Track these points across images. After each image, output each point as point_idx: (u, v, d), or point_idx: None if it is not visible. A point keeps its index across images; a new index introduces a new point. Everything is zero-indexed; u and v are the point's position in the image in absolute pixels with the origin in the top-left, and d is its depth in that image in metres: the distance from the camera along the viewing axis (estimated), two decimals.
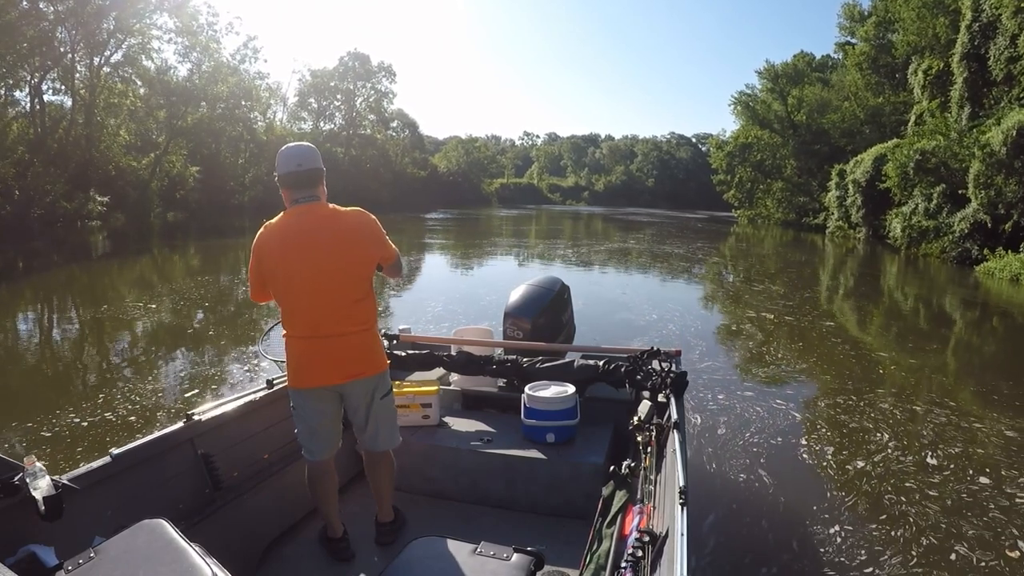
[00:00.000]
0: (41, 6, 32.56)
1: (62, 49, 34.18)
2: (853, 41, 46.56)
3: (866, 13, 43.88)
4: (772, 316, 13.39)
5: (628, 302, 14.77)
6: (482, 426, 4.46)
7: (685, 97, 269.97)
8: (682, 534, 2.21)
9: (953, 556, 4.43)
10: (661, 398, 3.93)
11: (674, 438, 3.21)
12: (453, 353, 4.81)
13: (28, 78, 33.56)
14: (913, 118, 33.21)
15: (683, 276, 21.10)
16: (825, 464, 5.93)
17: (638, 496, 2.93)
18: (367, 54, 68.93)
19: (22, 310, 13.25)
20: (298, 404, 3.28)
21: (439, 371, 5.03)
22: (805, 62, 57.07)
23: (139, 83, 40.02)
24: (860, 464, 5.94)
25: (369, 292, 3.27)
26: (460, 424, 4.50)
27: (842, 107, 46.44)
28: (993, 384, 8.89)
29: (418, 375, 4.95)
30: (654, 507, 2.79)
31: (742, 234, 44.67)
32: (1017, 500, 5.24)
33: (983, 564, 4.34)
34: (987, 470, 5.83)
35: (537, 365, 4.56)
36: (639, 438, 3.41)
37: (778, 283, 19.23)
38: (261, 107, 53.86)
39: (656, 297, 15.98)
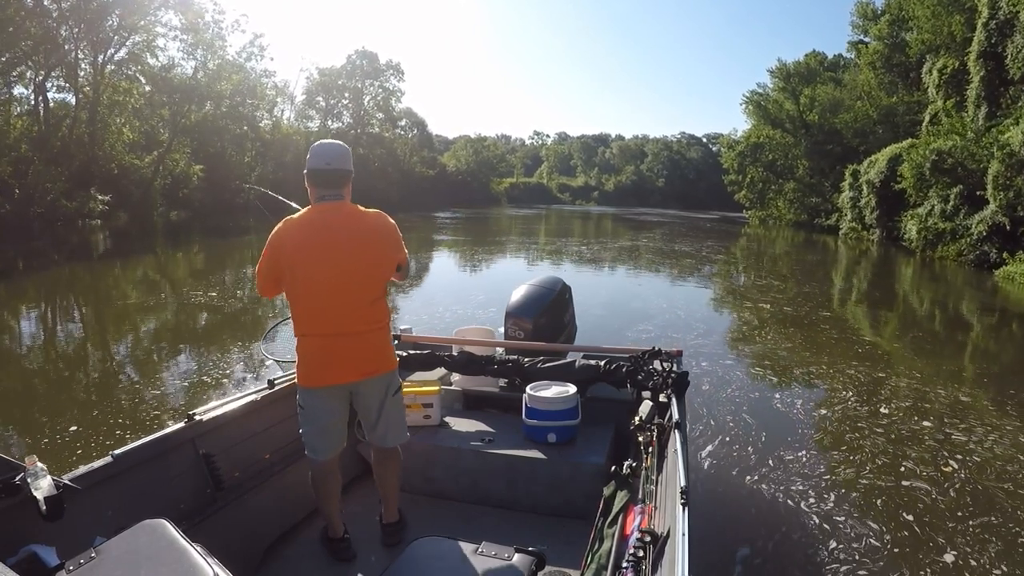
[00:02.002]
0: (46, 3, 32.36)
1: (67, 47, 33.98)
2: (866, 40, 46.03)
3: (879, 11, 43.35)
4: (778, 317, 13.30)
5: (633, 302, 14.78)
6: (483, 426, 4.47)
7: (695, 97, 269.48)
8: (683, 534, 2.21)
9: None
10: (662, 398, 3.99)
11: (675, 438, 3.23)
12: (454, 353, 4.83)
13: (32, 76, 33.45)
14: (928, 118, 32.75)
15: (690, 276, 20.96)
16: (828, 464, 5.92)
17: (639, 496, 2.94)
18: (375, 52, 69.16)
19: (22, 310, 13.23)
20: (308, 404, 3.27)
21: (440, 371, 5.02)
22: (817, 61, 56.60)
23: (143, 80, 39.76)
24: (864, 463, 5.94)
25: (384, 292, 3.36)
26: (461, 424, 4.50)
27: (855, 107, 45.90)
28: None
29: (419, 375, 4.95)
30: (655, 507, 2.81)
31: (753, 235, 44.39)
32: (953, 436, 6.69)
33: (925, 474, 5.73)
34: None
35: (538, 365, 4.57)
36: (640, 438, 3.44)
37: (788, 285, 19.07)
38: (267, 105, 53.55)
39: (661, 297, 15.90)
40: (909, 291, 19.07)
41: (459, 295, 14.45)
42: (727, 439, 6.37)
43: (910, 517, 4.88)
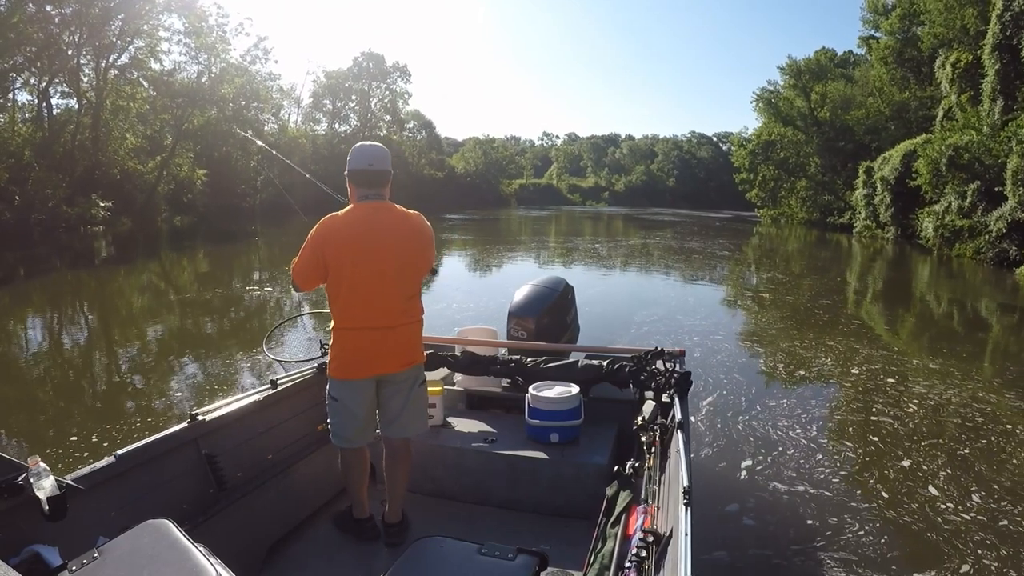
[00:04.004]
0: (48, 9, 32.22)
1: (69, 52, 33.83)
2: (877, 35, 45.51)
3: (891, 6, 42.79)
4: (787, 316, 13.25)
5: (639, 301, 14.75)
6: (486, 426, 4.48)
7: (705, 96, 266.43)
8: (686, 534, 2.21)
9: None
10: (665, 398, 3.97)
11: (678, 438, 3.23)
12: (457, 353, 4.84)
13: (36, 82, 33.34)
14: (941, 113, 32.20)
15: (697, 276, 20.83)
16: (830, 463, 5.95)
17: (642, 496, 2.95)
18: (381, 54, 69.16)
19: (24, 315, 13.24)
20: (345, 395, 3.38)
21: (443, 371, 5.03)
22: (827, 58, 56.10)
23: (146, 84, 39.60)
24: (866, 460, 6.01)
25: (420, 288, 3.55)
26: (464, 424, 4.52)
27: (866, 103, 45.36)
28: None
29: None
30: (658, 507, 2.82)
31: (765, 234, 44.03)
32: (913, 388, 8.15)
33: (893, 413, 7.17)
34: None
35: (541, 365, 4.59)
36: (643, 438, 3.45)
37: (799, 283, 18.90)
38: (272, 108, 53.23)
39: (667, 296, 15.81)
40: (925, 290, 18.77)
41: (466, 295, 14.46)
42: (730, 439, 6.39)
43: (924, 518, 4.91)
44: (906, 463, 5.82)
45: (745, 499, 5.18)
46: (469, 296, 14.36)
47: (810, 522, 4.83)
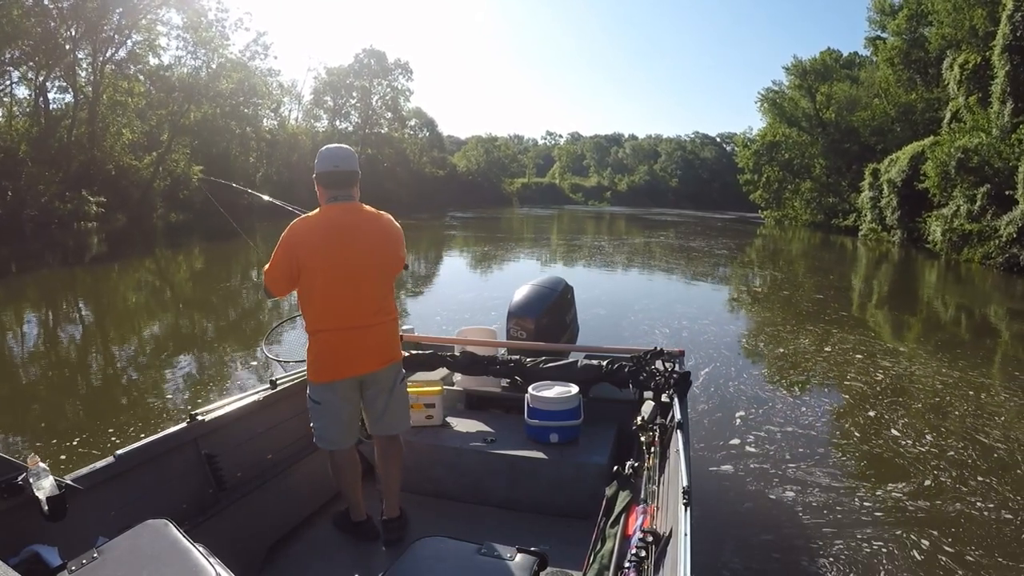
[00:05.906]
0: (45, 2, 31.98)
1: (67, 47, 33.53)
2: (884, 36, 45.24)
3: (897, 6, 42.56)
4: (787, 319, 13.26)
5: (639, 300, 14.77)
6: (485, 426, 4.48)
7: (709, 96, 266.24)
8: (686, 534, 2.20)
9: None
10: (664, 398, 3.98)
11: (677, 438, 3.23)
12: (457, 353, 4.83)
13: (33, 77, 33.09)
14: (949, 115, 31.89)
15: (698, 277, 20.73)
16: (830, 462, 6.03)
17: (641, 496, 2.95)
18: (383, 51, 68.98)
19: (15, 312, 13.07)
20: (326, 398, 3.36)
21: (443, 371, 5.02)
22: (833, 58, 55.83)
23: (143, 79, 39.21)
24: (864, 464, 6.08)
25: (393, 286, 3.59)
26: (463, 424, 4.52)
27: (872, 104, 45.17)
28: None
29: (421, 375, 4.91)
30: (657, 507, 2.82)
31: (768, 235, 43.90)
32: (880, 365, 9.29)
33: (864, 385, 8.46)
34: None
35: (540, 365, 4.58)
36: (643, 438, 3.47)
37: (801, 285, 18.87)
38: (271, 104, 52.85)
39: (665, 297, 15.82)
40: (933, 295, 18.60)
41: (467, 294, 14.47)
42: (730, 439, 6.45)
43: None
44: (872, 413, 7.02)
45: (745, 499, 5.20)
46: (469, 295, 14.34)
47: (811, 519, 4.86)
